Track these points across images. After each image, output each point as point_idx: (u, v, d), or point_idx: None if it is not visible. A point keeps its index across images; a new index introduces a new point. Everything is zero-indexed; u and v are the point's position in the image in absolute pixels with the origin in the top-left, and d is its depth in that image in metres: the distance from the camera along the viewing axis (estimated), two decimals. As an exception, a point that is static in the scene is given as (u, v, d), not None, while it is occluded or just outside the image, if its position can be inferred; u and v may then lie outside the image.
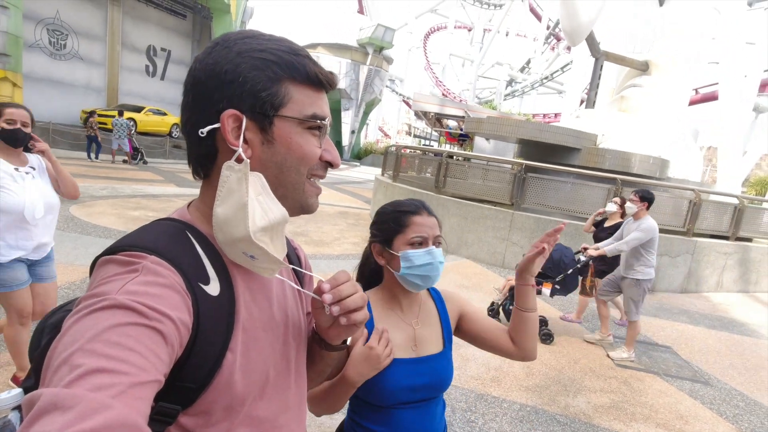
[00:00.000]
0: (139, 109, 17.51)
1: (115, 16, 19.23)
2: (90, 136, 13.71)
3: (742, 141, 14.04)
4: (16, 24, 14.39)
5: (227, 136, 0.60)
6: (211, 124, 0.60)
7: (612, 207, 4.80)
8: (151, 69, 21.53)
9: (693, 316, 5.94)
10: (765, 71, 15.58)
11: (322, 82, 0.66)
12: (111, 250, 0.57)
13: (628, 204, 4.38)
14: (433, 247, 1.14)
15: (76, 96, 18.07)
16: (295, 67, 0.63)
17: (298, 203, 0.68)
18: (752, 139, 17.08)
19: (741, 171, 15.04)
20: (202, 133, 0.61)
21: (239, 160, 0.60)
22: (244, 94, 0.60)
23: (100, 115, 16.33)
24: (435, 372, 1.17)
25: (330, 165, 0.70)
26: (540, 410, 3.09)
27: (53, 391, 0.38)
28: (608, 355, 4.20)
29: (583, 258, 4.38)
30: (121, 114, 14.40)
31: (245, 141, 0.61)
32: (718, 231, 7.52)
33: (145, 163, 15.14)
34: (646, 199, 4.23)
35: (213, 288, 0.59)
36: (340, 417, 2.64)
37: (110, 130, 14.71)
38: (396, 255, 1.12)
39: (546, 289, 4.21)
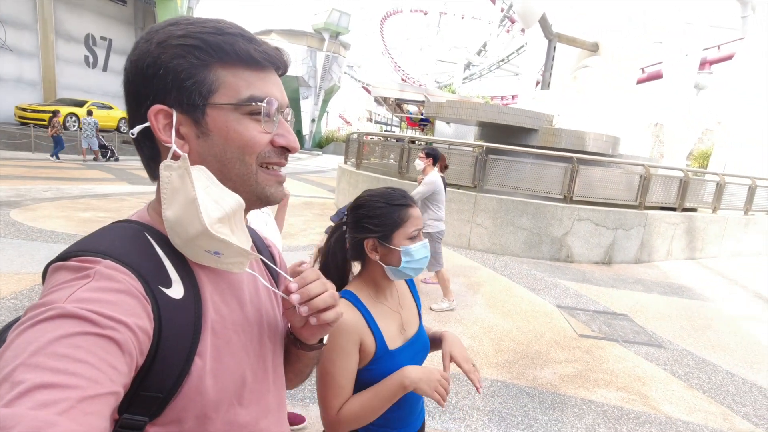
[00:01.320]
0: (81, 104, 16.39)
1: (45, 2, 17.73)
2: (55, 137, 13.17)
3: (685, 117, 14.89)
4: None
5: (158, 134, 0.58)
6: (142, 124, 0.58)
7: (419, 164, 4.61)
8: (91, 60, 20.16)
9: (647, 284, 6.30)
10: (704, 50, 16.50)
11: (258, 60, 0.60)
12: (62, 256, 0.53)
13: (417, 161, 4.61)
14: (425, 240, 1.18)
15: (6, 91, 16.66)
16: (221, 48, 0.57)
17: (254, 195, 0.64)
18: (694, 115, 18.17)
19: (686, 145, 15.98)
20: (132, 134, 0.59)
21: (176, 157, 0.56)
22: (168, 87, 0.57)
23: (34, 111, 15.22)
24: (424, 347, 1.24)
25: (286, 150, 0.65)
26: (510, 384, 3.20)
27: None
28: (431, 308, 4.44)
29: None
30: (90, 114, 14.19)
31: (181, 136, 0.59)
32: (666, 203, 7.97)
33: (116, 160, 14.45)
34: (431, 155, 4.50)
35: (176, 291, 0.56)
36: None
37: (46, 126, 13.77)
38: (396, 250, 1.12)
39: None
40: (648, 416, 2.97)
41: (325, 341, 0.75)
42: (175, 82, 0.57)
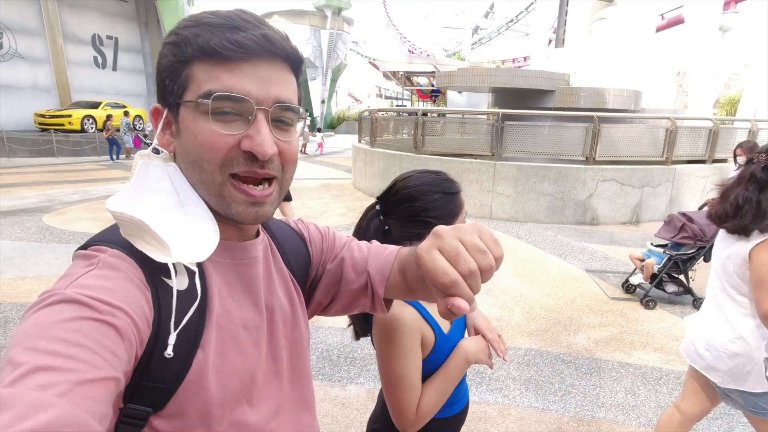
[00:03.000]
0: (95, 105, 16.64)
1: (49, 6, 17.80)
2: (109, 139, 14.05)
3: (710, 62, 14.13)
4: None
5: (155, 130, 0.59)
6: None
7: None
8: (100, 60, 20.29)
9: (677, 241, 6.13)
10: (727, -12, 15.48)
11: (221, 51, 0.52)
12: (82, 245, 0.55)
13: None
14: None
15: (24, 99, 17.00)
16: (190, 41, 0.54)
17: (221, 209, 0.57)
18: (720, 60, 17.23)
19: (711, 93, 15.22)
20: (144, 131, 0.58)
21: (156, 152, 0.59)
22: (159, 86, 0.58)
23: (53, 116, 15.54)
24: (463, 322, 1.24)
25: (253, 157, 0.55)
26: (544, 352, 3.19)
27: None
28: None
29: None
30: (126, 114, 15.22)
31: (171, 135, 0.59)
32: (695, 156, 7.66)
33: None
34: None
35: (180, 282, 0.54)
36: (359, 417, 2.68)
37: (69, 131, 14.09)
38: None
39: None
40: (688, 375, 2.93)
41: None
42: (161, 81, 0.57)
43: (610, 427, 2.44)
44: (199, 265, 0.57)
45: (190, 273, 0.55)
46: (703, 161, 7.70)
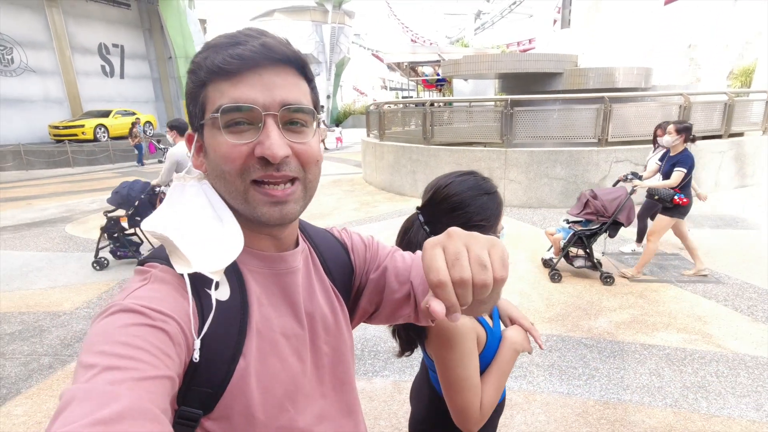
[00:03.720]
0: (106, 114, 16.90)
1: (56, 18, 18.05)
2: (136, 146, 14.62)
3: (722, 33, 13.75)
4: (-44, 46, 13.56)
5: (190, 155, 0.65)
6: None
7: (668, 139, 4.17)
8: (107, 69, 20.54)
9: (696, 219, 6.04)
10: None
11: (225, 68, 0.55)
12: (140, 261, 0.62)
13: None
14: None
15: (37, 111, 17.33)
16: (201, 65, 0.58)
17: (249, 214, 0.60)
18: (732, 29, 16.74)
19: (725, 65, 14.83)
20: (188, 155, 0.65)
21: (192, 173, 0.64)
22: (189, 114, 0.63)
23: (66, 127, 15.82)
24: (498, 315, 1.27)
25: (268, 161, 0.57)
26: (566, 337, 3.21)
27: (74, 387, 0.42)
28: None
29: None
30: (137, 120, 15.86)
31: (203, 155, 0.63)
32: (710, 131, 7.51)
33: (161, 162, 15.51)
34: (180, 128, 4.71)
35: (222, 292, 0.59)
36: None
37: (82, 141, 14.32)
38: (497, 236, 1.13)
39: None
40: (714, 354, 2.93)
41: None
42: (187, 108, 0.63)
43: (636, 409, 2.46)
44: (239, 276, 0.61)
45: (233, 285, 0.60)
46: (719, 136, 7.54)
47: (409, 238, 1.10)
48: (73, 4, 18.86)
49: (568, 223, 4.37)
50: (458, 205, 1.06)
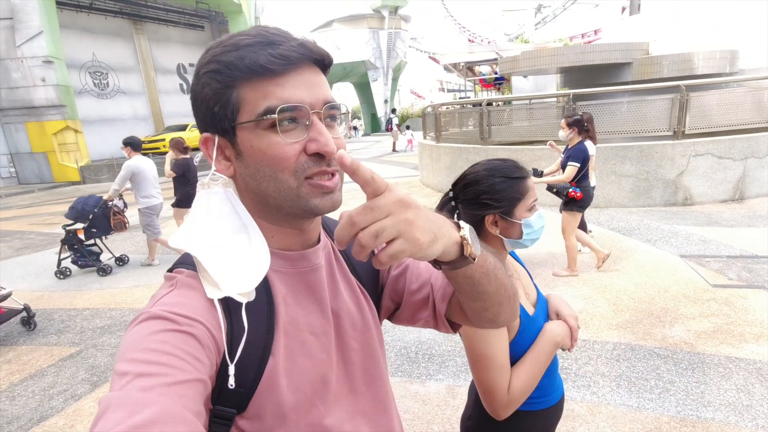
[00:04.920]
0: (183, 128, 18.41)
1: (142, 44, 20.12)
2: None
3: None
4: (63, 74, 15.55)
5: (208, 159, 0.62)
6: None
7: (562, 134, 4.27)
8: (185, 87, 22.47)
9: (795, 217, 5.36)
10: None
11: (268, 67, 0.55)
12: (169, 268, 0.64)
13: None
14: (539, 209, 1.18)
15: (126, 129, 19.32)
16: (235, 65, 0.56)
17: (299, 209, 0.60)
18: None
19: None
20: (195, 161, 0.65)
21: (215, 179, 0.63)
22: (206, 115, 0.60)
23: (150, 142, 17.45)
24: (545, 309, 1.24)
25: (321, 157, 0.58)
26: (636, 346, 2.97)
27: (109, 395, 0.44)
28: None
29: None
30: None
31: (228, 159, 0.62)
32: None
33: None
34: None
35: (248, 295, 0.59)
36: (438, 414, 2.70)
37: (163, 154, 15.66)
38: (518, 223, 1.14)
39: None
40: (815, 370, 2.57)
41: (468, 254, 0.56)
42: (208, 109, 0.59)
43: (720, 429, 2.22)
44: (265, 277, 0.61)
45: (258, 287, 0.60)
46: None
47: (441, 209, 1.19)
48: (156, 29, 20.85)
49: None
50: (471, 182, 1.14)
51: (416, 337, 3.32)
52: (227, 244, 0.59)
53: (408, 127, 19.56)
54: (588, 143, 4.13)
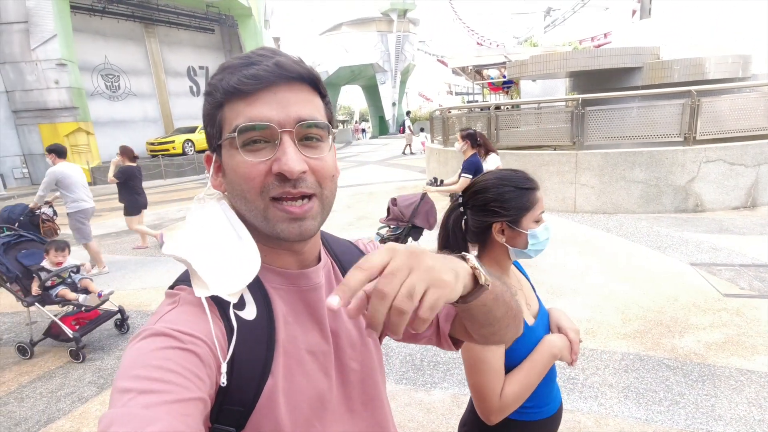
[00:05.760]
0: (192, 129, 18.59)
1: (153, 47, 20.37)
2: None
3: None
4: (76, 77, 15.79)
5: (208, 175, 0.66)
6: None
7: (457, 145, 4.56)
8: (195, 89, 22.69)
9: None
10: None
11: (240, 88, 0.57)
12: (171, 285, 0.64)
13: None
14: (546, 221, 1.19)
15: (136, 130, 19.60)
16: (217, 87, 0.59)
17: (270, 232, 0.60)
18: None
19: None
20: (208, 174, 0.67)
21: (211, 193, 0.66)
22: (206, 134, 0.64)
23: (160, 143, 17.62)
24: (546, 321, 1.24)
25: (285, 177, 0.57)
26: (644, 356, 2.93)
27: (111, 412, 0.44)
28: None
29: None
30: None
31: (222, 176, 0.64)
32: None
33: None
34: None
35: (249, 312, 0.60)
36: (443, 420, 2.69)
37: (173, 155, 15.84)
38: (524, 233, 1.15)
39: None
40: (830, 385, 2.51)
41: (484, 282, 0.54)
42: (205, 129, 0.64)
43: (728, 443, 2.18)
44: (265, 295, 0.62)
45: (259, 305, 0.61)
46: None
47: (446, 215, 1.25)
48: (167, 33, 21.09)
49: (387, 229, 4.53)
50: (481, 189, 1.17)
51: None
52: (218, 247, 0.59)
53: (422, 130, 19.58)
54: (492, 156, 4.48)
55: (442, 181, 4.65)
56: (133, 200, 5.78)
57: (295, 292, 0.66)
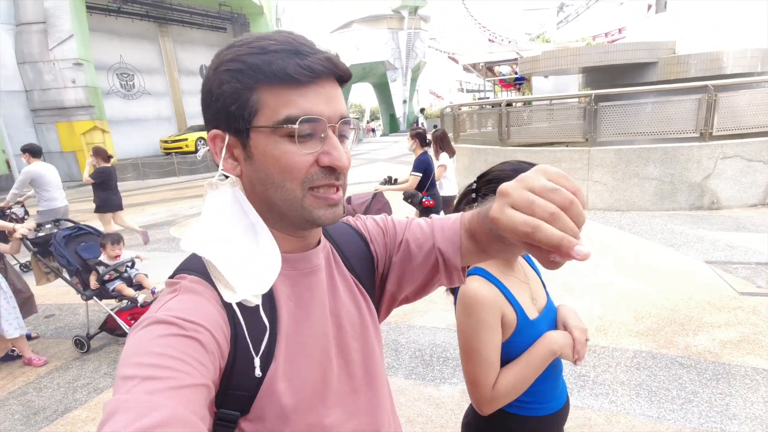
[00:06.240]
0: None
1: (167, 46, 20.62)
2: None
3: None
4: (92, 76, 16.06)
5: (215, 157, 0.61)
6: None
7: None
8: (207, 87, 22.94)
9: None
10: None
11: (295, 76, 0.56)
12: (171, 274, 0.64)
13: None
14: None
15: (150, 129, 19.89)
16: (260, 68, 0.56)
17: (302, 218, 0.61)
18: None
19: None
20: (198, 156, 0.65)
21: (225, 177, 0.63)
22: (220, 112, 0.59)
23: (174, 141, 17.86)
24: (553, 318, 1.22)
25: (332, 170, 0.59)
26: (657, 354, 2.89)
27: (115, 398, 0.44)
28: None
29: None
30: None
31: (235, 159, 0.61)
32: None
33: None
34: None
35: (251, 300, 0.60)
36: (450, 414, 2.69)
37: (186, 153, 16.03)
38: None
39: None
40: None
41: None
42: (224, 107, 0.58)
43: (743, 442, 2.15)
44: None
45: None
46: None
47: (458, 200, 1.25)
48: (181, 32, 21.33)
49: None
50: (495, 179, 1.15)
51: (431, 339, 3.30)
52: (238, 246, 0.59)
53: (435, 127, 19.52)
54: (443, 155, 4.70)
55: (396, 180, 4.66)
56: (107, 199, 5.79)
57: (295, 276, 0.66)
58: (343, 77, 0.62)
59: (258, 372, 0.56)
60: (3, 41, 14.93)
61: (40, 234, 3.57)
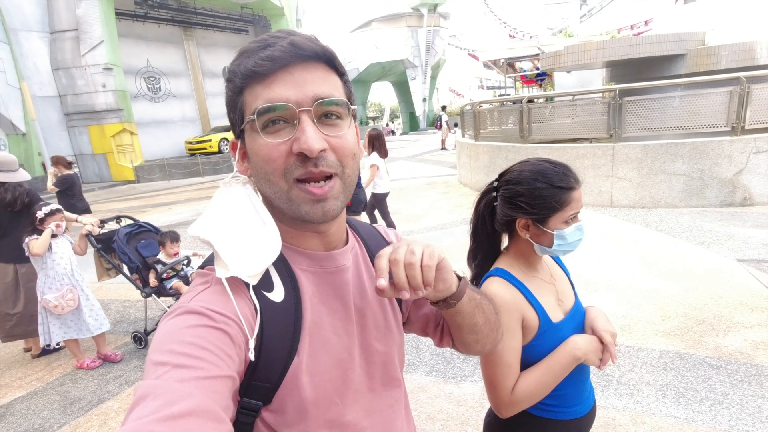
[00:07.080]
0: (228, 129, 19.15)
1: (191, 49, 21.14)
2: None
3: None
4: (121, 80, 16.62)
5: (234, 162, 0.67)
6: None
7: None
8: (229, 89, 23.40)
9: None
10: None
11: (257, 70, 0.57)
12: (201, 265, 0.66)
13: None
14: (581, 221, 1.09)
15: (176, 130, 20.44)
16: (236, 72, 0.59)
17: (294, 213, 0.61)
18: None
19: None
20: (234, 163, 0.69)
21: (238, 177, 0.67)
22: (229, 121, 0.65)
23: (198, 142, 18.28)
24: (581, 321, 1.18)
25: (304, 156, 0.57)
26: (685, 355, 2.82)
27: (146, 383, 0.46)
28: None
29: None
30: None
31: (249, 161, 0.65)
32: None
33: None
34: None
35: (277, 294, 0.62)
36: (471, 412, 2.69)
37: (210, 153, 16.39)
38: (549, 233, 1.07)
39: None
40: None
41: (457, 288, 0.66)
42: (228, 116, 0.64)
43: (776, 445, 2.08)
44: (293, 276, 0.64)
45: (287, 287, 0.63)
46: None
47: (478, 198, 1.21)
48: (204, 35, 21.82)
49: None
50: (513, 180, 1.10)
51: (451, 337, 3.30)
52: (240, 230, 0.60)
53: (456, 125, 19.31)
54: (374, 155, 5.01)
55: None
56: (72, 206, 5.71)
57: (322, 274, 0.68)
58: (319, 57, 0.60)
59: (251, 355, 0.57)
60: (39, 49, 15.61)
61: (103, 231, 3.63)
